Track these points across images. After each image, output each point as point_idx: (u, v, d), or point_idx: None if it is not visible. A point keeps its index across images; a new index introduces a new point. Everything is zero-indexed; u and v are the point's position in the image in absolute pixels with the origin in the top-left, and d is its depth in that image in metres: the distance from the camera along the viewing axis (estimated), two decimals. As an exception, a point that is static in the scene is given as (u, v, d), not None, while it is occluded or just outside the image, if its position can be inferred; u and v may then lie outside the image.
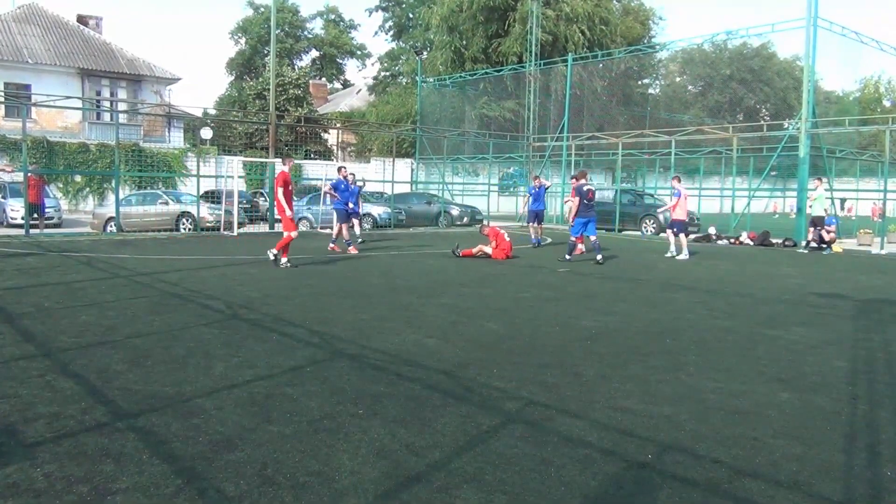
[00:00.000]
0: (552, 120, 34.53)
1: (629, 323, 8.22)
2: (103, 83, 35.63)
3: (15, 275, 10.96)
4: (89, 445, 4.03)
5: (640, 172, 36.77)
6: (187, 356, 6.10)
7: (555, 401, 5.09)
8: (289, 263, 12.69)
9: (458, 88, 40.12)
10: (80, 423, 4.39)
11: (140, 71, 36.37)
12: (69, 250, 14.76)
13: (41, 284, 9.99)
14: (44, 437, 4.15)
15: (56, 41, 35.64)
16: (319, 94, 59.75)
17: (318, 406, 4.82)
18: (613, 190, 28.10)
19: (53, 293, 9.27)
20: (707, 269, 14.48)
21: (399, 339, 7.02)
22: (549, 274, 12.96)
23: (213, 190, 25.59)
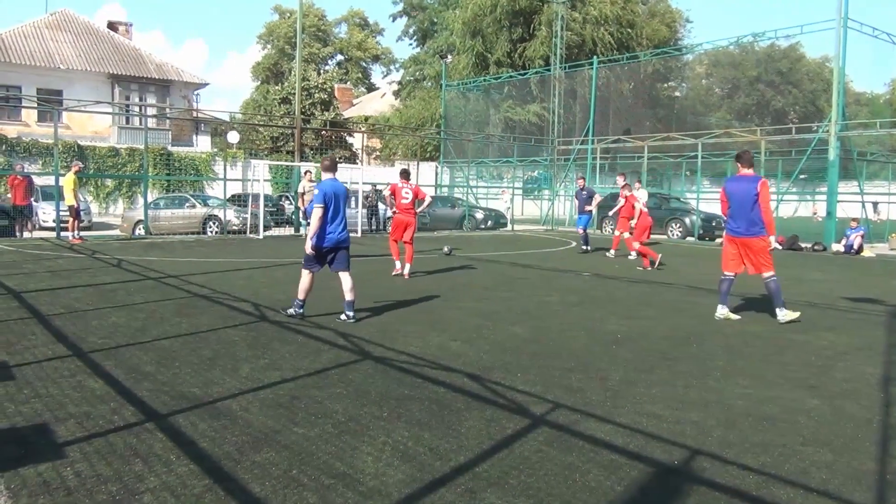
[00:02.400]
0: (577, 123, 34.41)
1: (655, 327, 8.15)
2: (133, 88, 36.14)
3: (47, 277, 11.15)
4: (119, 445, 4.09)
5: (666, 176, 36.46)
6: (214, 358, 6.16)
7: (580, 405, 5.06)
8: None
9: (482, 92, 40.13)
10: (110, 422, 4.46)
11: (168, 76, 36.84)
12: (99, 252, 14.99)
13: (72, 286, 10.15)
14: (75, 436, 4.22)
15: (87, 47, 36.23)
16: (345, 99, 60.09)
17: (343, 408, 4.84)
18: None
19: (84, 295, 9.42)
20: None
21: (423, 342, 7.03)
22: (574, 278, 12.90)
23: (239, 193, 25.85)
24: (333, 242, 8.02)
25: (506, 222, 29.30)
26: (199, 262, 13.63)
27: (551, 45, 37.00)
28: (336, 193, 7.94)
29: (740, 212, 8.58)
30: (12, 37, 34.64)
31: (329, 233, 7.97)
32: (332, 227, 7.96)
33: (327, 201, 7.85)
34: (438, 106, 42.56)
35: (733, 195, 8.65)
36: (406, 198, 12.54)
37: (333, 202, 7.90)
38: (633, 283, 12.28)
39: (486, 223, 28.70)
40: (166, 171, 31.73)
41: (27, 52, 33.80)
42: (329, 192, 7.88)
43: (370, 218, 24.42)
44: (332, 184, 7.99)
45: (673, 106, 41.96)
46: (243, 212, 22.38)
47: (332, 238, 7.99)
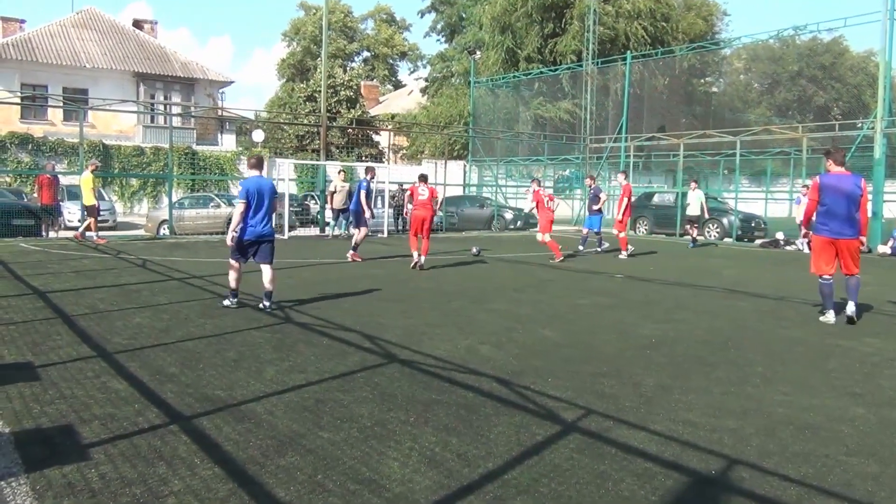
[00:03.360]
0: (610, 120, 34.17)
1: (691, 331, 8.07)
2: (157, 87, 36.66)
3: (72, 277, 11.35)
4: (143, 447, 4.14)
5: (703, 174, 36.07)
6: (239, 360, 6.22)
7: (613, 411, 5.02)
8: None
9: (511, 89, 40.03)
10: (134, 424, 4.52)
11: (193, 74, 37.31)
12: (124, 252, 15.22)
13: (97, 287, 10.32)
14: (99, 437, 4.29)
15: (112, 45, 36.83)
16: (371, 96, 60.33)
17: (369, 412, 4.86)
18: (674, 193, 27.62)
19: (108, 295, 9.57)
20: (774, 276, 14.13)
21: (451, 345, 7.03)
22: (607, 280, 12.82)
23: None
24: (255, 235, 8.74)
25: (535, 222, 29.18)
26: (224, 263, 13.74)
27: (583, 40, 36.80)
28: (260, 190, 8.65)
29: (840, 211, 8.40)
30: (39, 36, 35.36)
31: (251, 226, 8.69)
32: (253, 220, 8.69)
33: (249, 197, 8.61)
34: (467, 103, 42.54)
35: (832, 194, 8.42)
36: (422, 194, 14.09)
37: (256, 198, 8.62)
38: (668, 285, 12.17)
39: (515, 223, 28.63)
40: (191, 170, 32.13)
41: (54, 52, 34.46)
42: (252, 188, 8.63)
43: (396, 218, 24.47)
44: (256, 181, 8.73)
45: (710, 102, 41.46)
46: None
47: (253, 231, 8.71)
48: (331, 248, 17.61)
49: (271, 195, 8.78)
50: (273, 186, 8.91)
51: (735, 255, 19.12)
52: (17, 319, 7.81)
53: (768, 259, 18.27)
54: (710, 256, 18.40)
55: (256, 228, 8.71)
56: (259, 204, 8.67)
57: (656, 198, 28.67)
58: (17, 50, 33.54)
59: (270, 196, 8.76)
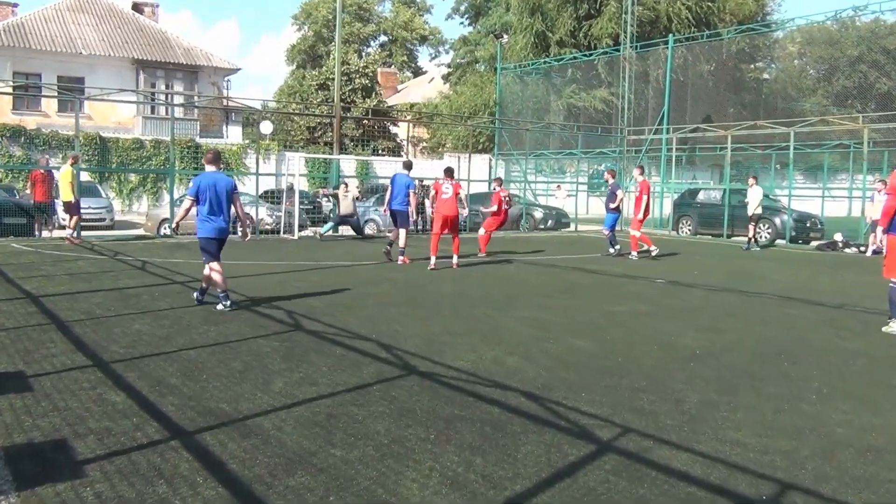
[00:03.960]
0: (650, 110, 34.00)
1: (739, 342, 8.00)
2: (158, 75, 37.05)
3: (66, 280, 11.50)
4: (141, 464, 4.18)
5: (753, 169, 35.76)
6: (244, 370, 6.26)
7: (653, 430, 4.99)
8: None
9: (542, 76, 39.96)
10: (133, 439, 4.56)
11: (197, 61, 37.66)
12: (122, 254, 15.38)
13: (93, 290, 10.44)
14: (95, 453, 4.33)
15: (110, 31, 37.30)
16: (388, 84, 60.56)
17: (386, 429, 4.87)
18: (721, 190, 27.40)
19: (105, 300, 9.68)
20: (833, 281, 13.97)
21: (475, 355, 7.02)
22: (645, 284, 12.74)
23: (272, 189, 26.24)
24: (221, 233, 9.27)
25: (568, 222, 29.10)
26: (229, 265, 13.83)
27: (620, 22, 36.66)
28: (215, 186, 9.07)
29: None
30: (32, 21, 35.89)
31: (211, 222, 9.15)
32: (215, 218, 9.15)
33: (199, 195, 9.04)
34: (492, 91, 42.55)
35: None
36: (446, 192, 14.31)
37: (214, 195, 9.05)
38: (714, 291, 12.08)
39: (545, 223, 28.55)
40: (194, 164, 32.41)
41: (48, 37, 34.96)
42: (204, 185, 9.06)
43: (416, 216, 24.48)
44: (211, 177, 9.15)
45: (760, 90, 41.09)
46: (277, 210, 22.72)
47: (218, 228, 9.21)
48: (342, 250, 17.68)
49: (225, 192, 9.14)
50: (230, 183, 9.27)
51: (788, 259, 18.93)
52: (8, 325, 7.92)
53: (825, 263, 18.06)
54: (760, 260, 18.23)
55: (219, 224, 9.19)
56: (217, 201, 9.09)
57: (701, 195, 28.47)
58: (9, 36, 34.07)
59: (224, 192, 9.14)
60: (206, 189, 9.05)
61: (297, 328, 8.15)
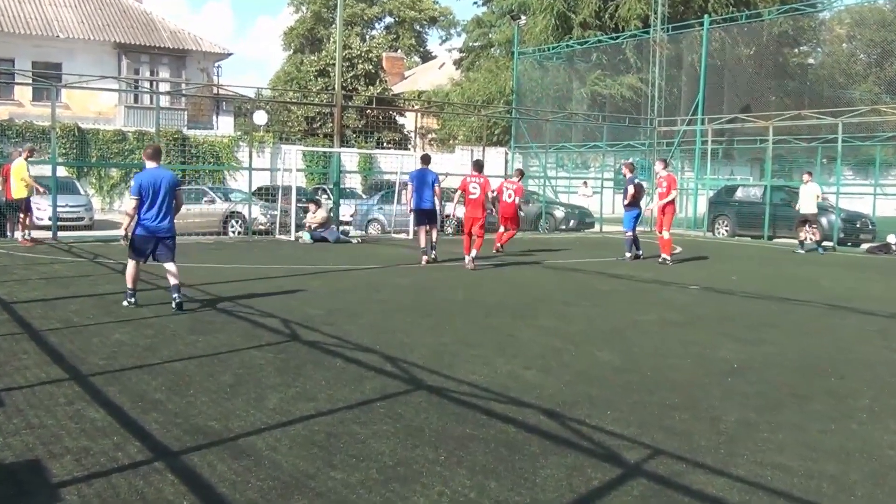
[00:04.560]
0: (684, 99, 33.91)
1: (782, 355, 7.97)
2: (143, 60, 37.20)
3: (41, 285, 11.56)
4: (122, 487, 4.19)
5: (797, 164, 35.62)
6: (236, 384, 6.27)
7: (686, 451, 4.97)
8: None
9: (563, 61, 39.92)
10: (113, 459, 4.57)
11: (185, 45, 37.81)
12: (102, 256, 15.44)
13: (70, 296, 10.49)
14: (72, 475, 4.34)
15: (90, 12, 37.49)
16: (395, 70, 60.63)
17: (391, 450, 4.87)
18: (762, 186, 27.30)
19: (84, 307, 9.72)
20: (885, 288, 13.90)
21: (489, 369, 7.02)
22: (677, 291, 12.70)
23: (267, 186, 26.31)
24: (149, 232, 9.52)
25: (592, 222, 29.06)
26: (219, 269, 13.92)
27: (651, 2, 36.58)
28: (155, 183, 9.45)
29: None
30: (5, 1, 36.03)
31: (143, 221, 9.47)
32: (147, 216, 9.46)
33: (143, 192, 9.39)
34: (509, 78, 42.53)
35: None
36: (473, 193, 14.47)
37: (151, 192, 9.41)
38: (753, 298, 12.03)
39: (567, 223, 28.52)
40: (181, 158, 32.58)
41: (22, 20, 35.15)
42: (146, 182, 9.45)
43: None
44: (152, 173, 9.57)
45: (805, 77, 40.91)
46: (272, 208, 22.77)
47: (146, 227, 9.49)
48: (342, 253, 17.71)
49: (168, 188, 9.51)
50: (172, 179, 9.68)
51: (836, 262, 18.85)
52: (-22, 334, 7.96)
53: (877, 267, 17.97)
54: (805, 264, 18.15)
55: (150, 224, 9.49)
56: (154, 198, 9.44)
57: (740, 192, 28.39)
58: (-20, 18, 34.27)
59: (167, 189, 9.51)
60: (148, 187, 9.42)
61: (293, 338, 8.16)
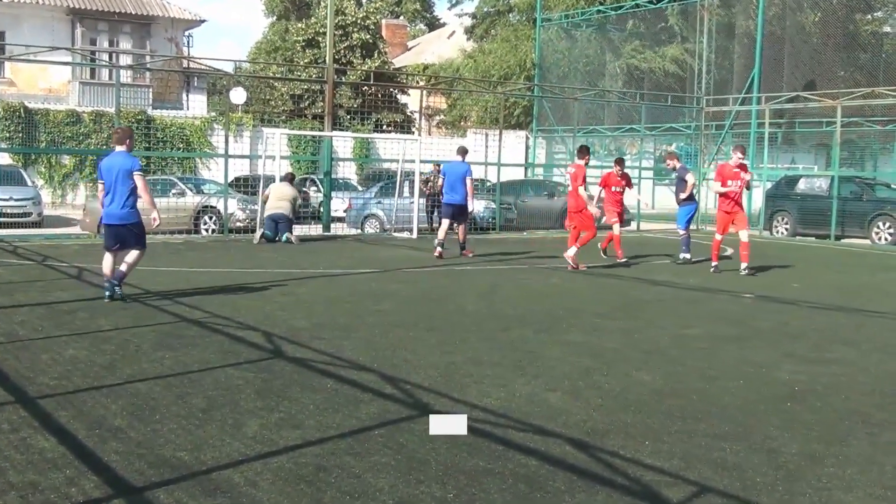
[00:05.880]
0: (736, 74, 33.82)
1: (851, 377, 7.94)
2: (100, 28, 37.32)
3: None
4: (77, 529, 4.21)
5: (870, 150, 35.50)
6: (209, 409, 6.28)
7: (738, 489, 4.97)
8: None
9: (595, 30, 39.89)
10: (65, 497, 4.58)
11: (149, 10, 37.93)
12: (52, 258, 15.48)
13: (14, 305, 10.52)
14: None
15: (40, -29, 37.58)
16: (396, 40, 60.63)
17: (391, 485, 4.87)
18: (829, 177, 27.24)
19: (31, 318, 9.74)
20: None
21: (506, 391, 7.02)
22: (728, 301, 12.67)
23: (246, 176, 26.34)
24: (108, 218, 10.86)
25: (629, 219, 28.99)
26: (190, 273, 13.94)
27: (698, -41, 36.53)
28: (109, 169, 10.75)
29: None
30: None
31: (105, 207, 10.88)
32: (106, 201, 10.82)
33: (103, 177, 10.88)
34: (530, 50, 42.54)
35: None
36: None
37: (108, 178, 10.74)
38: (819, 309, 12.00)
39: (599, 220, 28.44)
40: (145, 143, 32.58)
41: (-41, -20, 35.28)
42: (103, 167, 10.92)
43: (430, 211, 24.50)
44: (109, 158, 10.94)
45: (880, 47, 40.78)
46: (251, 202, 22.76)
47: (106, 213, 10.88)
48: (333, 256, 17.71)
49: (120, 173, 10.63)
50: (125, 164, 10.71)
51: (917, 268, 18.77)
52: None
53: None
54: (880, 270, 18.08)
55: (107, 210, 10.83)
56: (110, 184, 10.70)
57: (802, 184, 28.29)
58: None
59: (120, 174, 10.62)
60: (105, 171, 10.84)
61: (276, 355, 8.17)
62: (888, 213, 24.98)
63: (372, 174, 32.48)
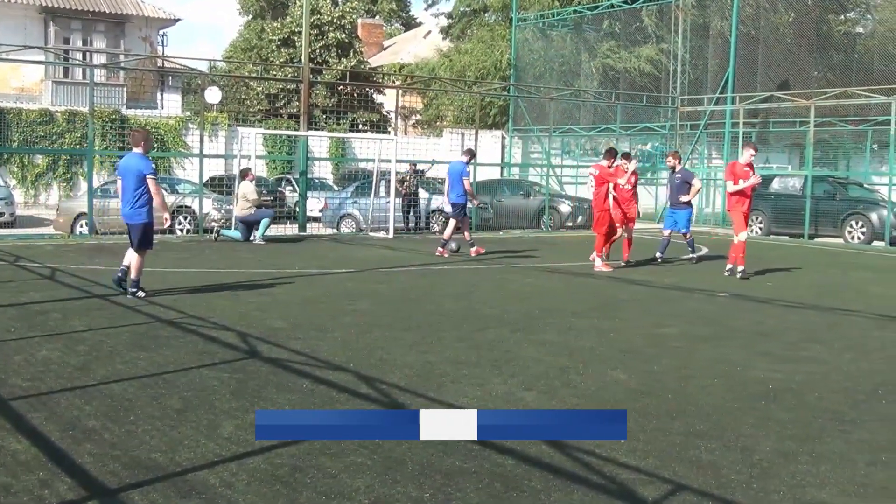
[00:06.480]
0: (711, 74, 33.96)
1: (825, 375, 8.00)
2: (74, 27, 37.01)
3: (-47, 292, 11.50)
4: (50, 531, 4.18)
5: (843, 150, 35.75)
6: (184, 409, 6.26)
7: (713, 487, 5.00)
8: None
9: (570, 30, 39.96)
10: (38, 499, 4.55)
11: (124, 10, 37.66)
12: (25, 259, 15.37)
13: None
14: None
15: (12, -31, 37.27)
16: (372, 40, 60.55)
17: (367, 485, 4.87)
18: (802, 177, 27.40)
19: (3, 318, 9.67)
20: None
21: (483, 391, 7.03)
22: (704, 300, 12.74)
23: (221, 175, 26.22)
24: (125, 218, 11.44)
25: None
26: (164, 274, 13.87)
27: (673, -40, 36.69)
28: (122, 170, 11.48)
29: None
30: None
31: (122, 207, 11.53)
32: (123, 203, 11.38)
33: (120, 176, 11.56)
34: (506, 50, 42.56)
35: None
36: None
37: (123, 178, 11.40)
38: (792, 308, 12.08)
39: (574, 219, 28.52)
40: (119, 143, 32.37)
41: (-71, -22, 34.92)
42: (119, 168, 11.84)
43: (407, 211, 24.49)
44: (124, 159, 11.75)
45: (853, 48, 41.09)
46: (227, 202, 22.68)
47: (123, 213, 11.43)
48: (309, 256, 17.67)
49: (132, 174, 11.14)
50: (138, 166, 11.15)
51: (889, 266, 18.92)
52: None
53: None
54: (853, 269, 18.22)
55: (125, 210, 11.34)
56: (124, 185, 11.31)
57: (776, 183, 28.42)
58: None
59: (132, 175, 11.14)
60: (120, 171, 11.57)
61: (252, 355, 8.15)
62: (861, 212, 25.17)
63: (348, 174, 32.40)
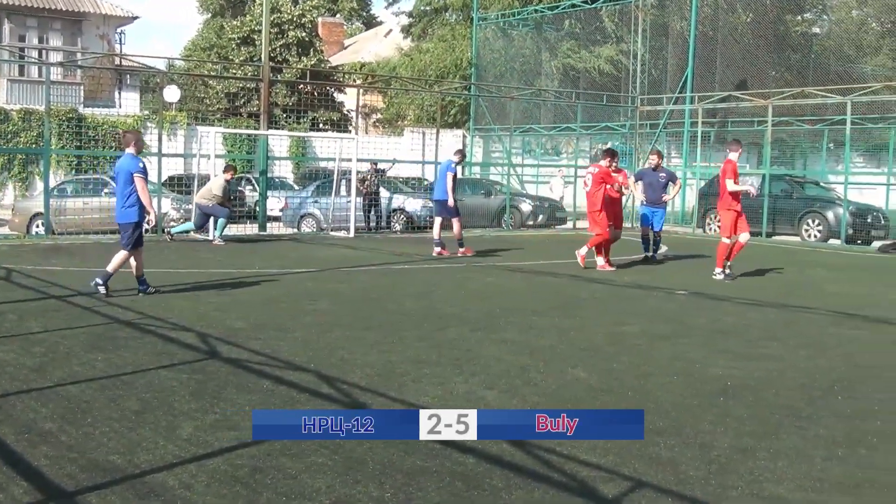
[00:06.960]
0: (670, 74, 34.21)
1: (782, 372, 8.08)
2: (30, 25, 36.58)
3: None
4: (5, 535, 4.13)
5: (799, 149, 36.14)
6: (142, 411, 6.21)
7: (672, 483, 5.03)
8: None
9: (531, 29, 40.09)
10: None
11: (81, 7, 37.27)
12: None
13: (-58, 307, 10.30)
14: (-57, 522, 4.27)
15: (-35, -35, 36.75)
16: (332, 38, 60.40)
17: (328, 486, 4.86)
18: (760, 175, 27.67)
19: (-42, 320, 9.55)
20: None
21: (443, 390, 7.04)
22: (663, 298, 12.82)
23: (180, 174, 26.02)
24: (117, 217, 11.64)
25: (564, 217, 29.21)
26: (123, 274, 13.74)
27: (632, -40, 36.91)
28: (117, 170, 11.77)
29: None
30: None
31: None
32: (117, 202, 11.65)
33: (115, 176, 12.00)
34: (467, 49, 42.61)
35: None
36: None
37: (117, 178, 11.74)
38: (751, 306, 12.19)
39: (535, 218, 28.63)
40: (77, 142, 32.06)
41: None
42: (115, 169, 12.08)
43: (368, 210, 24.44)
44: (119, 161, 11.87)
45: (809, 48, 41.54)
46: (186, 202, 22.53)
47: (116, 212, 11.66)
48: (269, 256, 17.60)
49: (122, 174, 11.39)
50: (125, 166, 11.40)
51: (845, 264, 19.14)
52: None
53: (891, 268, 18.28)
54: (809, 266, 18.42)
55: (117, 209, 11.58)
56: (117, 185, 11.65)
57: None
58: None
59: (120, 176, 11.46)
60: (116, 172, 11.86)
61: (211, 356, 8.10)
62: (817, 210, 25.47)
63: (308, 173, 32.28)
